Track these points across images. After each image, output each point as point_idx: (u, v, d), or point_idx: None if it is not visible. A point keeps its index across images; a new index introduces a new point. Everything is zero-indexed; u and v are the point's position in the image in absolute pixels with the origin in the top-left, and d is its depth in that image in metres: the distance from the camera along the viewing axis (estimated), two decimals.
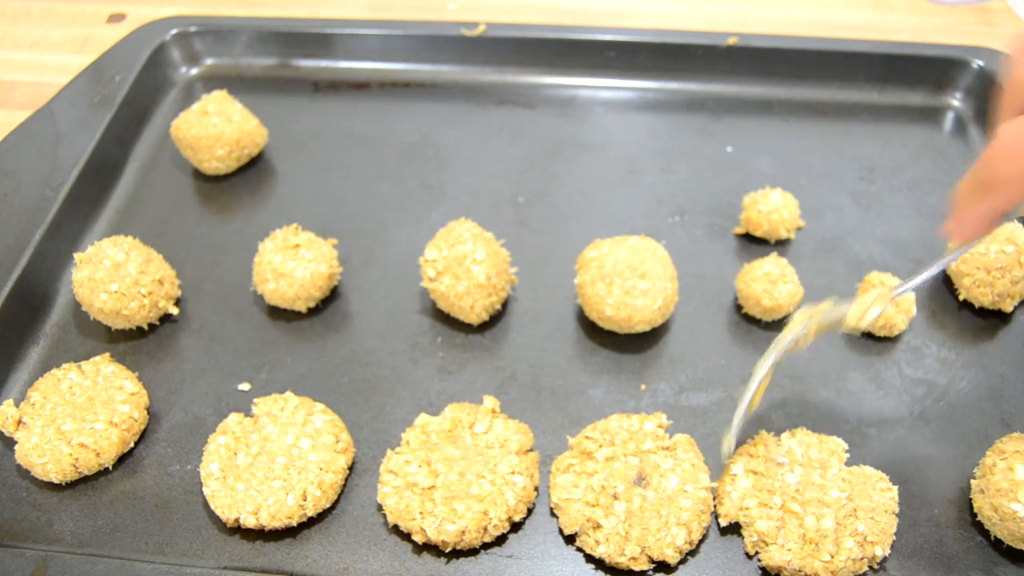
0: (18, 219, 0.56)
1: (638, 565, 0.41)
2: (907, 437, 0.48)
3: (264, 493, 0.43)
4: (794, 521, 0.42)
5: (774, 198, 0.57)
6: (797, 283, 0.53)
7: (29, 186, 0.58)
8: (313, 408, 0.47)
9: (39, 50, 0.77)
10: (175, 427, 0.48)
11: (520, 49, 0.70)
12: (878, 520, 0.42)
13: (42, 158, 0.60)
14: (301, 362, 0.52)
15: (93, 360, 0.49)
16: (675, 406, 0.49)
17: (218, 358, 0.52)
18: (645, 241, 0.52)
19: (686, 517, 0.42)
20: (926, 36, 0.76)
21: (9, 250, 0.54)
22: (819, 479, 0.44)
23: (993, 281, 0.52)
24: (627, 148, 0.66)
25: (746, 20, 0.79)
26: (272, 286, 0.52)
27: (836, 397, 0.50)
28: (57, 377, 0.48)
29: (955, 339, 0.53)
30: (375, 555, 0.43)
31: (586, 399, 0.50)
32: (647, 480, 0.44)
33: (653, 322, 0.51)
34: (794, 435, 0.46)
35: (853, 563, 0.41)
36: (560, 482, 0.44)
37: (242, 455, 0.45)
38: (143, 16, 0.78)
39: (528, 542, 0.44)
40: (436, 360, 0.52)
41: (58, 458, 0.44)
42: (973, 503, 0.44)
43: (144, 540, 0.44)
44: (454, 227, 0.53)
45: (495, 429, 0.46)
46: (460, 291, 0.50)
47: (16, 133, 0.63)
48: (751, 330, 0.53)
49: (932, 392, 0.50)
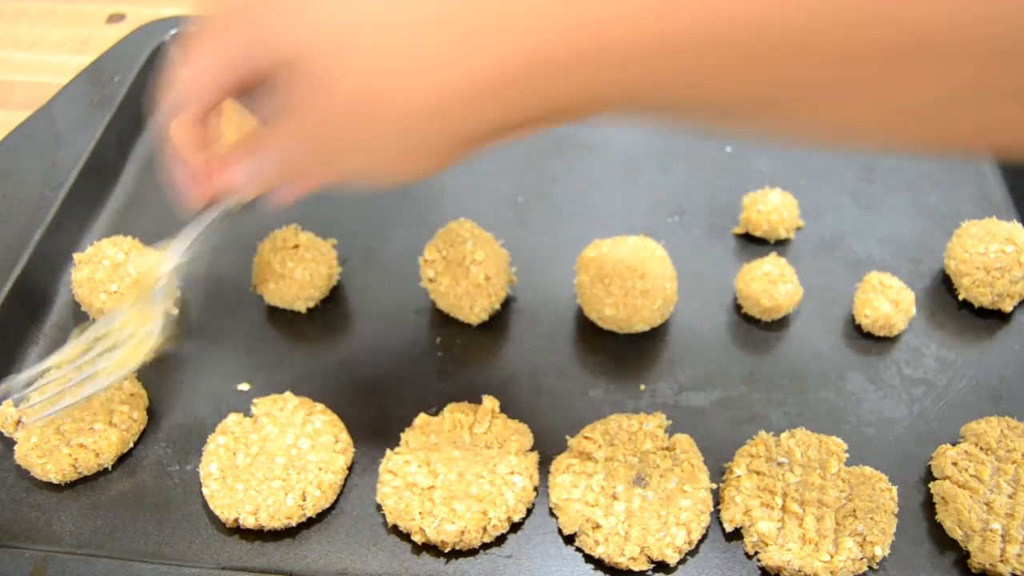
0: (18, 219, 0.56)
1: (638, 565, 0.41)
2: (907, 437, 0.48)
3: (263, 493, 0.43)
4: (794, 521, 0.42)
5: (773, 198, 0.57)
6: (796, 283, 0.53)
7: (29, 186, 0.58)
8: (312, 408, 0.47)
9: (39, 50, 0.77)
10: (174, 427, 0.48)
11: None
12: (878, 520, 0.42)
13: (42, 158, 0.60)
14: (300, 362, 0.52)
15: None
16: (675, 406, 0.49)
17: (218, 358, 0.52)
18: (645, 241, 0.52)
19: (686, 517, 0.42)
20: None
21: (9, 250, 0.54)
22: (819, 479, 0.44)
23: (992, 281, 0.52)
24: (626, 148, 0.66)
25: None
26: (272, 286, 0.52)
27: (836, 397, 0.50)
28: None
29: (955, 339, 0.53)
30: (374, 555, 0.43)
31: (586, 399, 0.50)
32: (647, 480, 0.44)
33: (652, 322, 0.51)
34: (794, 435, 0.46)
35: (853, 563, 0.41)
36: (559, 482, 0.44)
37: (241, 455, 0.45)
38: (143, 16, 0.78)
39: (527, 542, 0.44)
40: (436, 360, 0.52)
41: (57, 458, 0.44)
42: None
43: (143, 540, 0.44)
44: (454, 227, 0.53)
45: (495, 429, 0.46)
46: (460, 291, 0.51)
47: (16, 133, 0.63)
48: (751, 330, 0.53)
49: (932, 392, 0.50)
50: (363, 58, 0.29)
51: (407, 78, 0.29)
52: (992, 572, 0.41)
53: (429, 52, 0.28)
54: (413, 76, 0.29)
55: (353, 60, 0.29)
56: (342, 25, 0.29)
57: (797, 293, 0.53)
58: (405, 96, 0.29)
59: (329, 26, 0.29)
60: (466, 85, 0.29)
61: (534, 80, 0.28)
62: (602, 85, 0.28)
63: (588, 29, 0.27)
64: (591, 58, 0.27)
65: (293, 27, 0.31)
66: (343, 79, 0.30)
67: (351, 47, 0.29)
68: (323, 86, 0.31)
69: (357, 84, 0.30)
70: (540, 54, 0.28)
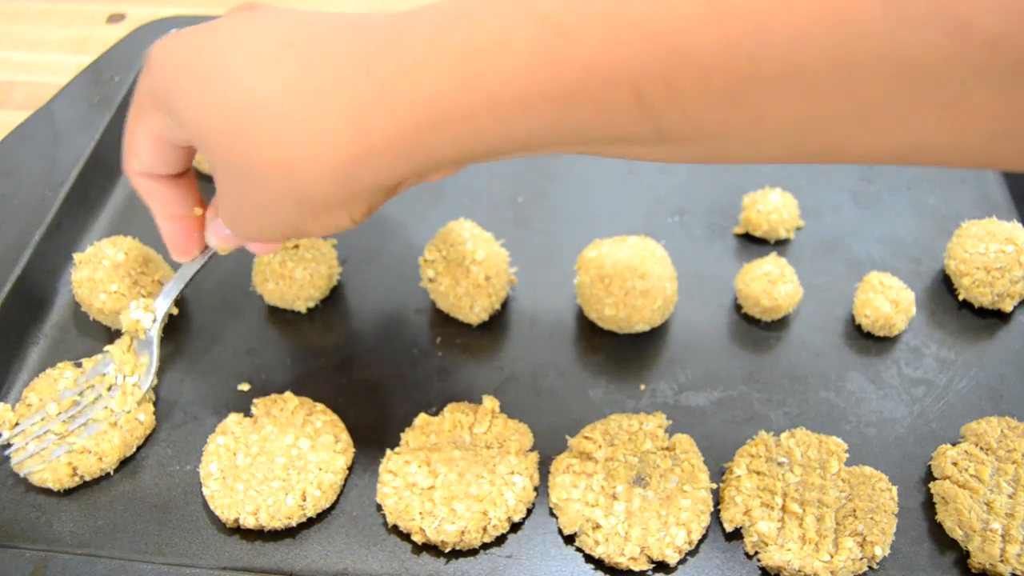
0: (17, 219, 0.56)
1: (638, 565, 0.41)
2: (907, 437, 0.48)
3: (264, 493, 0.43)
4: (794, 521, 0.42)
5: (774, 198, 0.57)
6: (796, 283, 0.53)
7: (29, 186, 0.58)
8: (313, 408, 0.47)
9: (39, 50, 0.77)
10: (175, 427, 0.48)
11: None
12: (878, 520, 0.42)
13: (42, 158, 0.60)
14: (301, 362, 0.52)
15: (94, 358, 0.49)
16: (675, 406, 0.49)
17: (218, 358, 0.52)
18: (645, 241, 0.52)
19: (686, 517, 0.42)
20: None
21: (8, 250, 0.54)
22: (819, 479, 0.44)
23: (993, 281, 0.52)
24: None
25: None
26: (271, 286, 0.52)
27: (836, 397, 0.50)
28: (53, 377, 0.48)
29: (955, 339, 0.53)
30: (374, 555, 0.43)
31: (585, 399, 0.50)
32: (647, 480, 0.44)
33: (652, 322, 0.51)
34: (794, 435, 0.46)
35: (853, 563, 0.41)
36: (559, 482, 0.44)
37: (241, 455, 0.45)
38: (143, 16, 0.78)
39: (528, 542, 0.44)
40: (436, 360, 0.52)
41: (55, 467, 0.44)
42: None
43: (144, 540, 0.44)
44: (453, 227, 0.53)
45: (495, 429, 0.46)
46: (460, 291, 0.51)
47: (16, 133, 0.63)
48: (751, 330, 0.53)
49: (932, 392, 0.50)
50: (259, 137, 0.31)
51: (301, 151, 0.31)
52: (992, 572, 0.41)
53: (321, 124, 0.30)
54: (308, 148, 0.31)
55: (249, 140, 0.31)
56: (239, 107, 0.31)
57: (797, 293, 0.53)
58: (302, 166, 0.31)
59: (228, 110, 0.32)
60: (359, 149, 0.30)
61: (430, 137, 0.29)
62: (499, 135, 0.29)
63: (476, 86, 0.27)
64: (484, 113, 0.28)
65: (196, 111, 0.33)
66: (245, 158, 0.32)
67: (248, 128, 0.31)
68: (229, 165, 0.33)
69: (257, 160, 0.32)
70: (431, 115, 0.29)
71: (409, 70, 0.28)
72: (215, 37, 0.33)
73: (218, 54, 0.32)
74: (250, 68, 0.31)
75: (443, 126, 0.29)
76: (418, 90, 0.28)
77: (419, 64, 0.28)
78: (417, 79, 0.28)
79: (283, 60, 0.31)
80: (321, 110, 0.30)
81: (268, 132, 0.31)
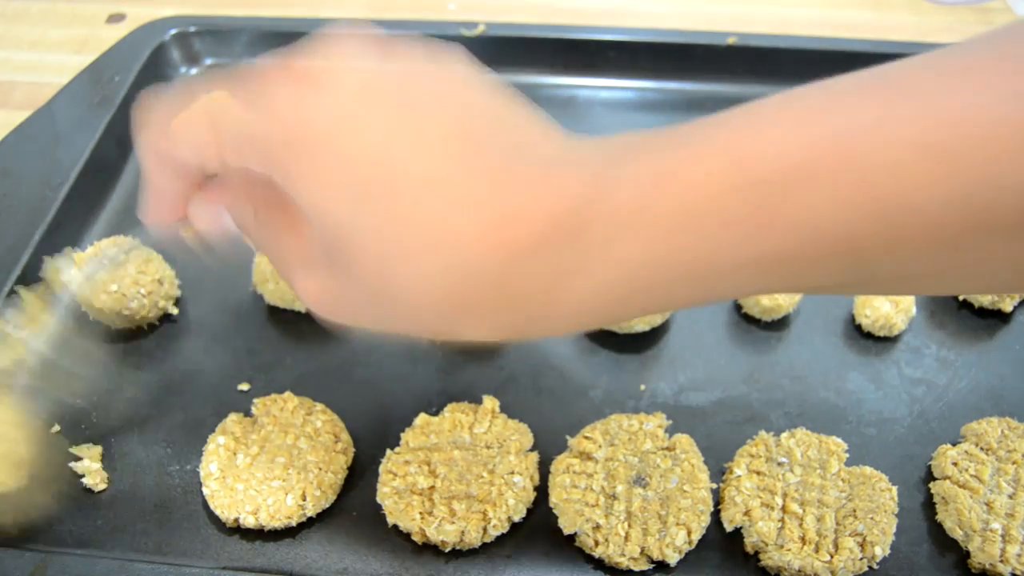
0: (18, 219, 0.56)
1: (638, 565, 0.41)
2: (907, 437, 0.48)
3: (263, 493, 0.43)
4: (794, 521, 0.42)
5: None
6: None
7: (29, 186, 0.58)
8: (313, 408, 0.47)
9: (39, 50, 0.77)
10: (175, 427, 0.48)
11: (519, 49, 0.70)
12: (878, 520, 0.42)
13: (42, 158, 0.60)
14: (301, 362, 0.52)
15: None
16: (675, 406, 0.49)
17: (218, 358, 0.52)
18: None
19: (686, 517, 0.42)
20: (925, 36, 0.76)
21: (9, 250, 0.54)
22: (819, 479, 0.44)
23: None
24: None
25: (746, 20, 0.79)
26: (272, 286, 0.52)
27: (836, 397, 0.50)
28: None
29: (954, 339, 0.53)
30: (375, 555, 0.43)
31: (585, 399, 0.50)
32: (647, 480, 0.44)
33: (652, 322, 0.51)
34: (794, 435, 0.46)
35: (853, 563, 0.41)
36: (559, 482, 0.44)
37: (241, 455, 0.45)
38: (143, 16, 0.78)
39: (528, 542, 0.44)
40: (436, 360, 0.52)
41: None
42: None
43: (143, 540, 0.44)
44: None
45: (495, 429, 0.46)
46: None
47: (16, 133, 0.63)
48: (751, 330, 0.53)
49: (932, 392, 0.50)
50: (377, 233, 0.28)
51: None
52: (992, 572, 0.41)
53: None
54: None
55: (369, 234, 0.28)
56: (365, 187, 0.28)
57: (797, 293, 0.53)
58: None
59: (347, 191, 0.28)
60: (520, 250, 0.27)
61: (621, 308, 0.28)
62: (687, 296, 0.28)
63: (688, 257, 0.26)
64: (683, 278, 0.27)
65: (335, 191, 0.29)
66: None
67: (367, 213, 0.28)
68: (369, 248, 0.29)
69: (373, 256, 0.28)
70: (637, 286, 0.27)
71: (616, 236, 0.26)
72: (369, 128, 0.28)
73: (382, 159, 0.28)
74: (421, 192, 0.27)
75: (641, 293, 0.27)
76: (627, 263, 0.26)
77: (628, 229, 0.26)
78: (628, 250, 0.26)
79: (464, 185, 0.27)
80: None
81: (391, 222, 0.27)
